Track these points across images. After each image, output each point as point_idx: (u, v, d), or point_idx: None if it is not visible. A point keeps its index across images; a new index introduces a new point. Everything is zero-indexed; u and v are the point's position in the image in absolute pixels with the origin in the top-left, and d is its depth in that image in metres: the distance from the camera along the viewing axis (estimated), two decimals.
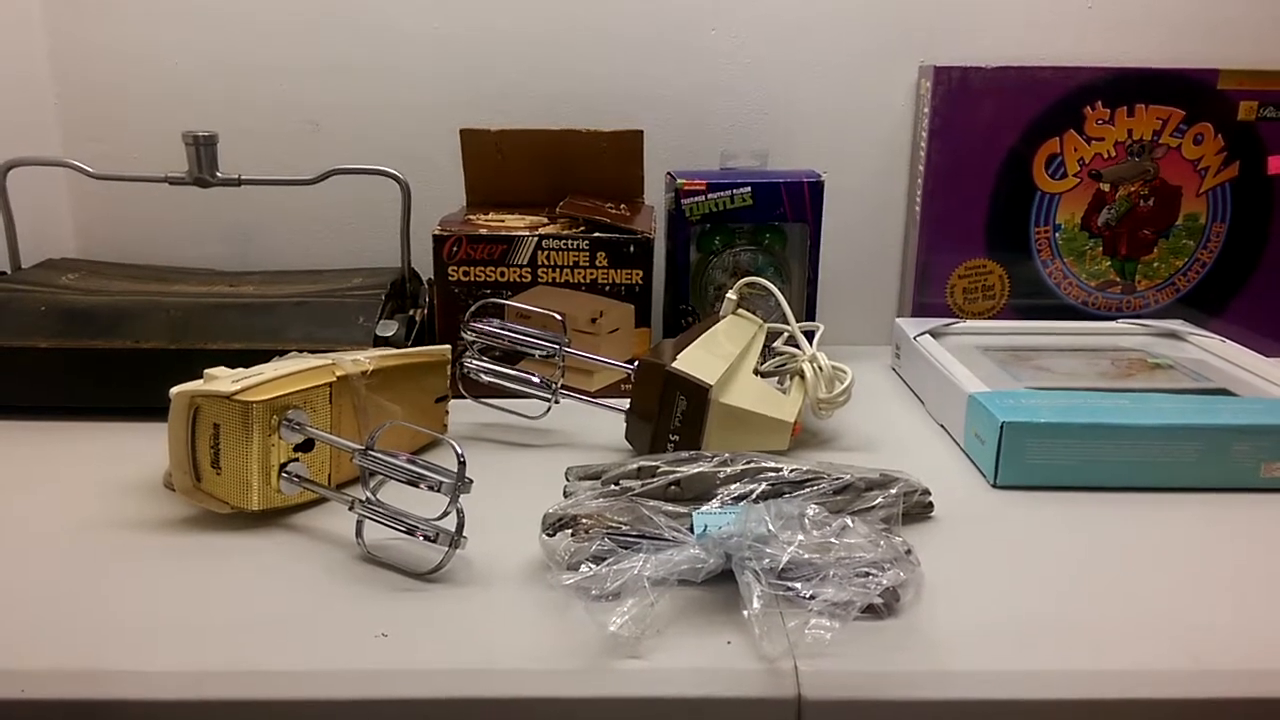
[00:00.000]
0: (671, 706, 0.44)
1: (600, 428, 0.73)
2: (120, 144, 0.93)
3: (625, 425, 0.69)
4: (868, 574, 0.47)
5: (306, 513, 0.61)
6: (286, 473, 0.59)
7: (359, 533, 0.56)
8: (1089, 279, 0.95)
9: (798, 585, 0.46)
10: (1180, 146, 0.92)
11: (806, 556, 0.47)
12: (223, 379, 0.58)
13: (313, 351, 0.67)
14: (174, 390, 0.57)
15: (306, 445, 0.60)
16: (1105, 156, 0.92)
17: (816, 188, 0.85)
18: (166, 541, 0.57)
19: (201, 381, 0.58)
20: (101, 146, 0.93)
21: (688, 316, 0.88)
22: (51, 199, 0.93)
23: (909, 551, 0.50)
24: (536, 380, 0.72)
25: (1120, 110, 0.91)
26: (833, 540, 0.48)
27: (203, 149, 0.81)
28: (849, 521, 0.49)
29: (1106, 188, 0.93)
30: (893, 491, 0.56)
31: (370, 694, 0.44)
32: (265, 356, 0.66)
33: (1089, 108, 0.91)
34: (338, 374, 0.62)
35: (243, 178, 0.82)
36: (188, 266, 0.92)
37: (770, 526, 0.48)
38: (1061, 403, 0.67)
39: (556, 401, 0.72)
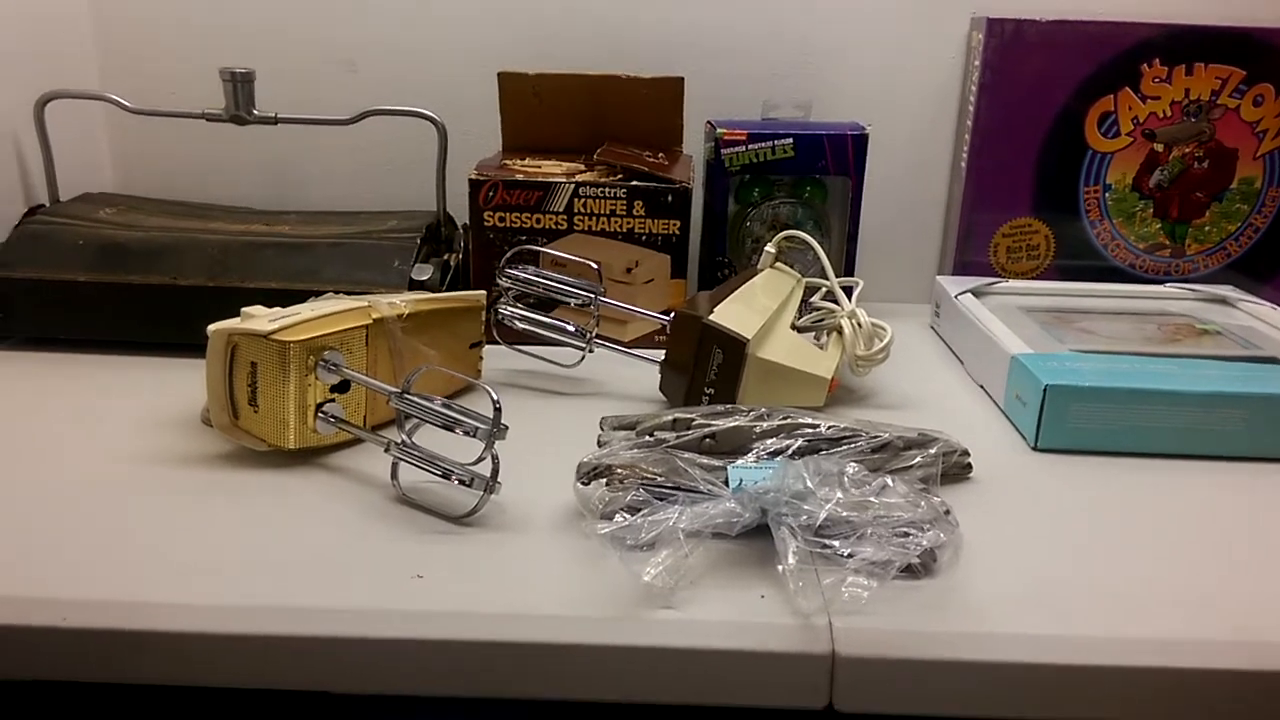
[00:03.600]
0: (705, 658, 0.44)
1: (634, 378, 0.73)
2: (158, 79, 0.92)
3: (660, 376, 0.69)
4: (906, 534, 0.46)
5: (342, 453, 0.61)
6: (323, 413, 0.59)
7: (394, 474, 0.56)
8: (1138, 241, 0.93)
9: (835, 543, 0.46)
10: (1239, 108, 0.89)
11: (844, 514, 0.47)
12: (260, 318, 0.58)
13: (348, 293, 0.67)
14: (212, 328, 0.57)
15: (342, 386, 0.60)
16: (1160, 116, 0.89)
17: (860, 141, 0.83)
18: (204, 477, 0.57)
19: (239, 320, 0.58)
20: (139, 81, 0.92)
21: (723, 269, 0.86)
22: (89, 133, 0.93)
23: (948, 512, 0.49)
24: (571, 329, 0.72)
25: (1178, 69, 0.88)
26: (871, 499, 0.47)
27: (240, 86, 0.80)
28: (888, 480, 0.49)
29: (1160, 148, 0.90)
30: (931, 451, 0.55)
31: (406, 634, 0.44)
32: (302, 296, 0.66)
33: (1146, 65, 0.88)
34: (374, 316, 0.62)
35: (279, 116, 0.81)
36: (224, 204, 0.91)
37: (808, 483, 0.47)
38: (1106, 366, 0.66)
39: (591, 350, 0.72)
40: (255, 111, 0.81)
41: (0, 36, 0.80)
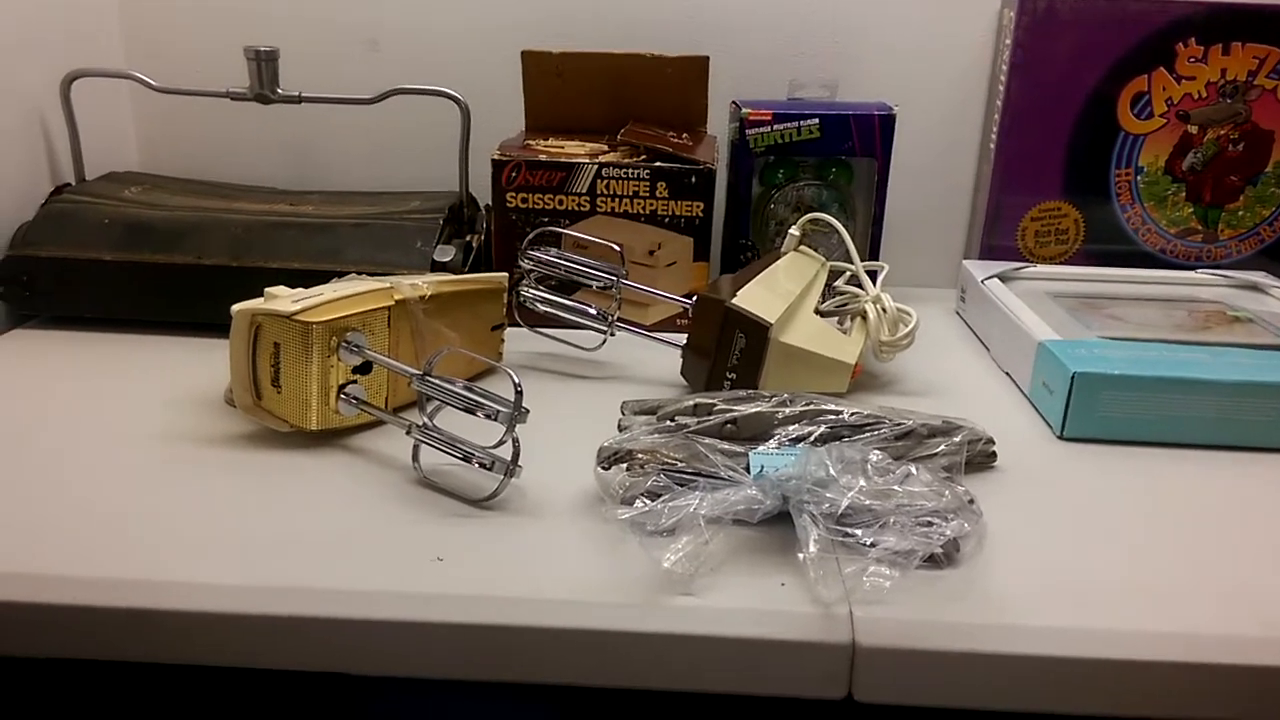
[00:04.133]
0: (724, 645, 0.44)
1: (655, 362, 0.73)
2: (183, 58, 0.92)
3: (681, 361, 0.69)
4: (930, 523, 0.46)
5: (363, 434, 0.61)
6: (345, 394, 0.59)
7: (415, 457, 0.56)
8: (1169, 226, 0.91)
9: (857, 532, 0.45)
10: (1276, 89, 0.86)
11: (866, 502, 0.46)
12: (283, 298, 0.58)
13: (371, 274, 0.67)
14: (235, 308, 0.57)
15: (364, 368, 0.60)
16: (1195, 97, 0.87)
17: (888, 121, 0.82)
18: (226, 457, 0.57)
19: (262, 300, 0.58)
20: (164, 60, 0.92)
21: (746, 251, 0.86)
22: (115, 112, 0.93)
23: (971, 501, 0.49)
24: (593, 311, 0.72)
25: (1214, 48, 0.86)
26: (895, 488, 0.46)
27: (264, 64, 0.80)
28: (912, 469, 0.48)
29: (1194, 130, 0.88)
30: (956, 439, 0.55)
31: (426, 617, 0.44)
32: (324, 276, 0.66)
33: (1181, 44, 0.86)
34: (396, 298, 0.62)
35: (303, 95, 0.81)
36: (249, 183, 0.92)
37: (831, 470, 0.47)
38: (1136, 354, 0.65)
39: (612, 334, 0.72)
40: (279, 90, 0.81)
41: (27, 15, 0.80)
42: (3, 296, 0.75)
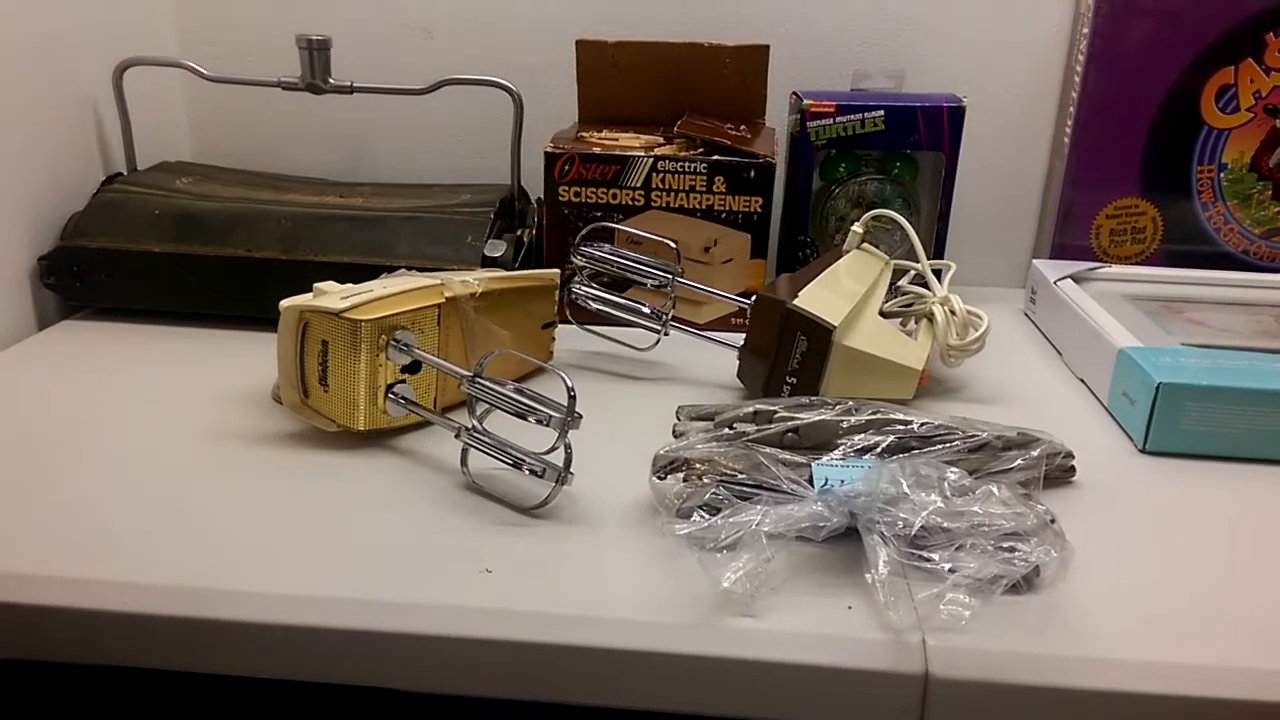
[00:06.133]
0: (786, 672, 0.41)
1: (711, 363, 0.70)
2: (235, 47, 0.91)
3: (738, 363, 0.66)
4: (1012, 548, 0.43)
5: (411, 435, 0.59)
6: (393, 394, 0.58)
7: (464, 461, 0.54)
8: (1253, 225, 0.86)
9: (934, 556, 0.42)
10: None
11: (941, 522, 0.43)
12: (332, 294, 0.56)
13: (420, 269, 0.65)
14: (284, 304, 0.56)
15: (413, 367, 0.59)
16: None
17: (957, 114, 0.78)
18: (272, 456, 0.56)
19: (310, 296, 0.56)
20: (217, 49, 0.91)
21: (805, 249, 0.83)
22: (168, 101, 0.92)
23: (1053, 521, 0.46)
24: (646, 310, 0.69)
25: None
26: (974, 509, 0.43)
27: (316, 54, 0.78)
28: (994, 489, 0.45)
29: None
30: (1034, 453, 0.51)
31: (474, 633, 0.42)
32: (374, 270, 0.65)
33: (1271, 34, 0.81)
34: (446, 295, 0.60)
35: (355, 85, 0.80)
36: (300, 174, 0.91)
37: (904, 487, 0.44)
38: (1224, 363, 0.61)
39: (666, 333, 0.69)
40: (331, 80, 0.80)
41: (80, 4, 0.80)
42: (53, 287, 0.74)
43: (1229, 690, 0.40)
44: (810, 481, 0.48)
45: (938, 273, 0.70)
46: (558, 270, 0.70)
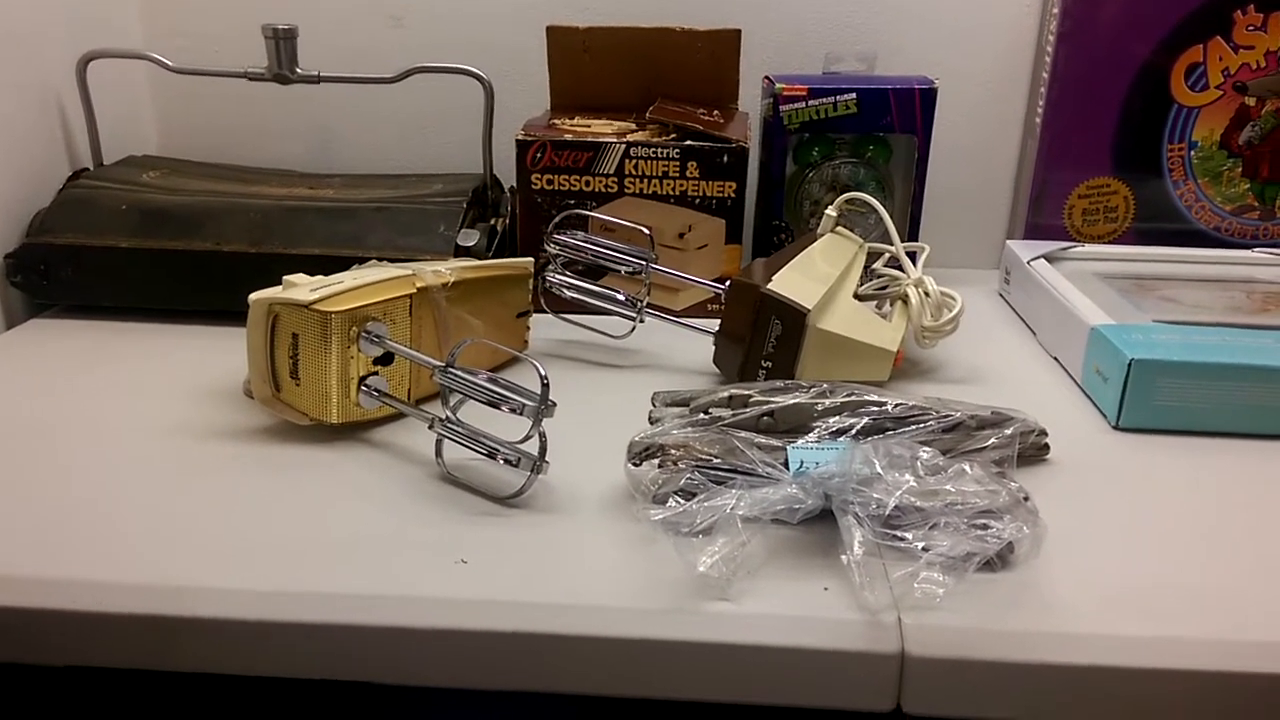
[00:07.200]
0: (763, 654, 0.41)
1: (686, 349, 0.70)
2: (200, 38, 0.90)
3: (713, 348, 0.66)
4: (984, 524, 0.43)
5: (385, 428, 0.59)
6: (366, 386, 0.57)
7: (438, 452, 0.54)
8: (1224, 203, 0.87)
9: (908, 535, 0.43)
10: None
11: (915, 502, 0.44)
12: (301, 287, 0.56)
13: (392, 260, 0.64)
14: (253, 297, 0.55)
15: (386, 359, 0.58)
16: (1254, 67, 0.83)
17: (929, 96, 0.78)
18: (245, 452, 0.56)
19: (280, 288, 0.56)
20: (182, 41, 0.90)
21: (780, 233, 0.83)
22: (133, 94, 0.91)
23: (1027, 499, 0.46)
24: (621, 297, 0.69)
25: (1274, 15, 0.81)
26: (947, 487, 0.44)
27: (283, 43, 0.77)
28: (966, 468, 0.45)
29: (1252, 102, 0.84)
30: (1007, 432, 0.51)
31: (450, 624, 0.42)
32: (346, 262, 0.64)
33: (1239, 11, 0.81)
34: (418, 285, 0.59)
35: (322, 75, 0.79)
36: (268, 166, 0.90)
37: (877, 468, 0.44)
38: (1195, 339, 0.61)
39: (641, 320, 0.69)
40: (298, 70, 0.79)
41: None
42: (19, 285, 0.73)
43: (1202, 663, 0.41)
44: (785, 465, 0.48)
45: (912, 255, 0.71)
46: (531, 259, 0.70)
